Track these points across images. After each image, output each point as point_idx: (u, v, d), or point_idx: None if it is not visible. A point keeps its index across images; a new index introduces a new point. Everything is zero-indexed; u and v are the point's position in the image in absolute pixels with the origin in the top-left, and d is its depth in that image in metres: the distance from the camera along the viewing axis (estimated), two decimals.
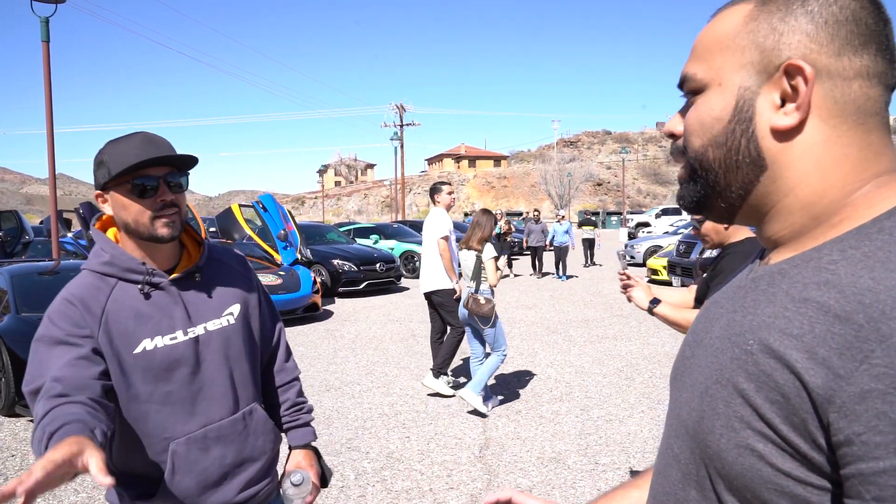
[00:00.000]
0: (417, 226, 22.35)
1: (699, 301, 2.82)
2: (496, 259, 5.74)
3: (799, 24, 0.67)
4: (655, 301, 2.78)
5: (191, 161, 1.55)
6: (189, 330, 1.56)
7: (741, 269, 0.84)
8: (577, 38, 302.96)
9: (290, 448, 1.84)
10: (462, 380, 6.49)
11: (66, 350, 1.42)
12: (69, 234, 15.92)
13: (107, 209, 1.56)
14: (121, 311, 1.50)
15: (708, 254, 10.77)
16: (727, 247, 2.79)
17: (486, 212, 6.02)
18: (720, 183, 0.74)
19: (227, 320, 1.64)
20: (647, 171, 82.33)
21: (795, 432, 0.60)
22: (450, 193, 6.34)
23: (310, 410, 1.89)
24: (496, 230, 15.40)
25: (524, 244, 18.26)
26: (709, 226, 2.82)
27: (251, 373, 1.70)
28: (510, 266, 18.09)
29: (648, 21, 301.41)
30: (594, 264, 20.12)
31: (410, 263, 17.14)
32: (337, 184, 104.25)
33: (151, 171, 1.50)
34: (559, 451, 4.73)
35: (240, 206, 11.57)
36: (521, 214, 46.20)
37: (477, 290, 5.66)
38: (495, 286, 5.71)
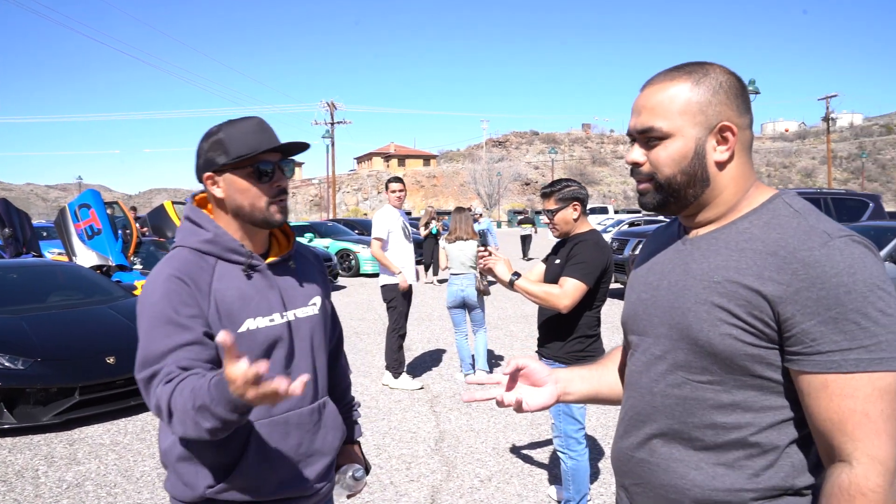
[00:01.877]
0: (351, 224, 22.22)
1: (554, 279, 3.23)
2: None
3: (719, 98, 1.16)
4: (517, 274, 3.15)
5: (301, 147, 1.59)
6: (284, 314, 1.59)
7: (661, 244, 1.32)
8: (506, 39, 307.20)
9: (343, 443, 1.86)
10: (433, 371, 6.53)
11: (178, 332, 1.42)
12: None
13: (216, 191, 1.55)
14: (226, 291, 1.51)
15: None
16: (576, 236, 3.29)
17: (461, 208, 6.93)
18: (681, 193, 1.20)
19: (313, 310, 1.67)
20: (574, 172, 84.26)
21: (757, 319, 1.08)
22: (392, 192, 6.29)
23: (359, 406, 1.97)
24: (432, 230, 15.31)
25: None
26: (559, 218, 3.29)
27: (326, 365, 1.73)
28: (435, 271, 15.44)
29: (574, 23, 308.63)
30: (529, 258, 20.67)
31: (346, 262, 17.01)
32: None
33: (268, 157, 1.53)
34: (513, 442, 4.84)
35: (173, 202, 11.20)
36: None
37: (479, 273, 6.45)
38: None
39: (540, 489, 4.03)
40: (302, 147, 1.58)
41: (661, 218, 25.29)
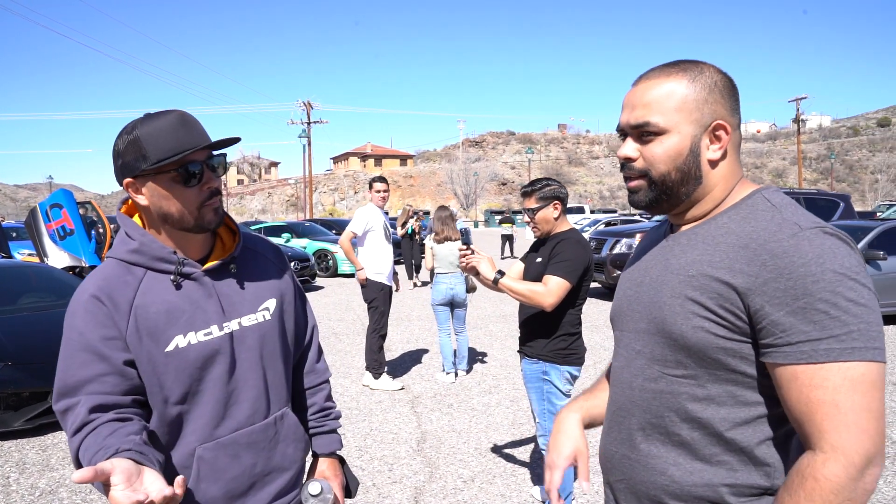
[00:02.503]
0: (329, 224, 22.09)
1: (535, 277, 3.23)
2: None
3: (715, 97, 1.16)
4: (500, 273, 3.11)
5: (230, 142, 1.43)
6: (224, 325, 1.43)
7: (652, 241, 1.34)
8: (482, 39, 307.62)
9: (314, 456, 1.71)
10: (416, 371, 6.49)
11: (94, 361, 1.33)
12: None
13: (140, 199, 1.40)
14: (150, 306, 1.37)
15: (618, 249, 11.26)
16: (557, 235, 3.31)
17: (445, 207, 7.00)
18: (674, 191, 1.20)
19: (263, 316, 1.51)
20: (550, 172, 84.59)
21: (728, 312, 1.08)
22: (377, 192, 6.28)
23: (337, 416, 1.77)
24: (408, 230, 14.93)
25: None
26: (540, 217, 3.29)
27: (284, 374, 1.58)
28: (416, 271, 14.91)
29: (550, 24, 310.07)
30: (514, 257, 21.05)
31: (324, 262, 16.90)
32: (240, 182, 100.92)
33: (195, 157, 1.36)
34: (495, 442, 4.83)
35: None
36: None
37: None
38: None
39: (523, 489, 4.02)
40: (231, 142, 1.41)
41: (637, 217, 25.41)
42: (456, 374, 6.69)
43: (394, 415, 5.51)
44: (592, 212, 39.88)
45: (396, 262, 7.22)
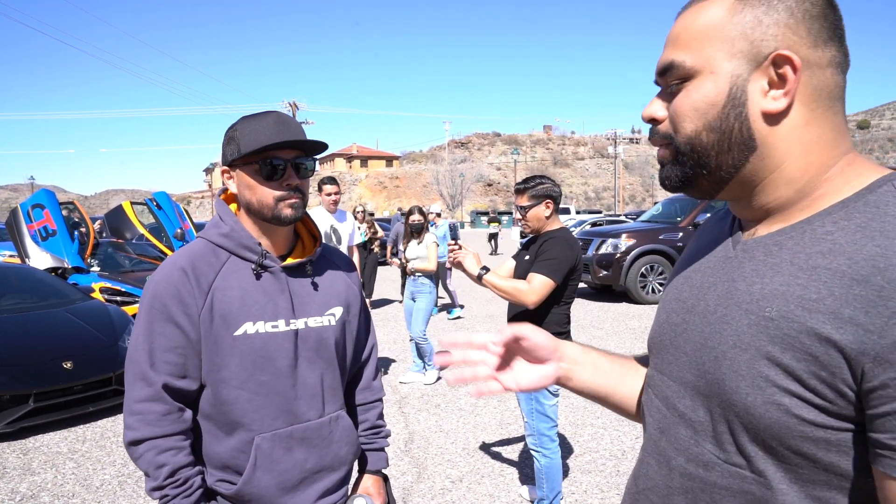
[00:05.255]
0: None
1: (523, 275, 3.20)
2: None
3: (781, 18, 0.75)
4: (485, 269, 3.13)
5: (319, 146, 1.51)
6: (291, 321, 1.50)
7: (711, 241, 0.92)
8: (467, 40, 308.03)
9: (360, 472, 1.75)
10: None
11: (171, 331, 1.42)
12: None
13: (231, 185, 1.53)
14: (227, 289, 1.45)
15: (604, 250, 11.29)
16: (546, 233, 3.28)
17: (419, 209, 7.00)
18: (711, 164, 0.81)
19: (329, 320, 1.58)
20: (536, 173, 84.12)
21: (826, 385, 0.68)
22: (327, 195, 5.80)
23: (387, 435, 1.81)
24: (361, 238, 11.16)
25: (388, 254, 10.90)
26: (531, 215, 3.27)
27: (340, 381, 1.63)
28: (369, 294, 10.51)
29: (535, 24, 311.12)
30: (498, 254, 21.99)
31: None
32: None
33: (280, 154, 1.46)
34: (482, 441, 4.82)
35: (132, 203, 10.89)
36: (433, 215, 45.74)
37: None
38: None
39: (511, 489, 4.01)
40: (318, 145, 1.50)
41: (622, 218, 24.56)
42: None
43: None
44: (578, 212, 40.10)
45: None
